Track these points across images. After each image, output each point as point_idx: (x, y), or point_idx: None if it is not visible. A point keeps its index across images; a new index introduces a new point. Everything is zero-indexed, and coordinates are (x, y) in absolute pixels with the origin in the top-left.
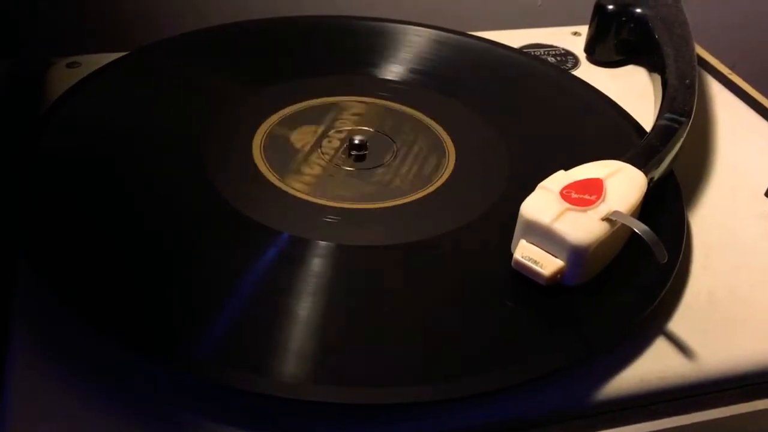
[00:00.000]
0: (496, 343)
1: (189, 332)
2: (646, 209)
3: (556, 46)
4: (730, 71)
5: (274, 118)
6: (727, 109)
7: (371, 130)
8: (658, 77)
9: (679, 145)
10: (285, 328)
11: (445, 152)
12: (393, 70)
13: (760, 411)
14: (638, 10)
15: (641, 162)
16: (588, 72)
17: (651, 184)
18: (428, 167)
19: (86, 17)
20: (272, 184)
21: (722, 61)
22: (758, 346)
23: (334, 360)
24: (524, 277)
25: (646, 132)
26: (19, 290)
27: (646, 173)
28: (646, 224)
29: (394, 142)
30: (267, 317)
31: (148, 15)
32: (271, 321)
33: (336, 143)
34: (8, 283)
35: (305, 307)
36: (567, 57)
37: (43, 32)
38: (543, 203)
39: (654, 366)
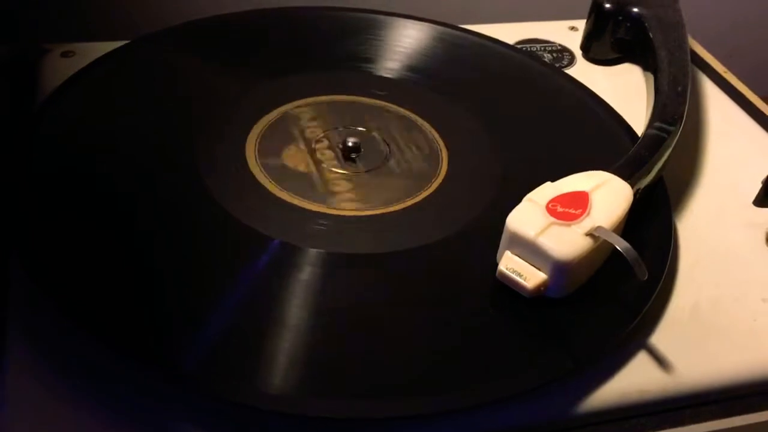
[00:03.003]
0: (477, 357)
1: (176, 342)
2: (634, 216)
3: (552, 42)
4: (725, 70)
5: (267, 117)
6: (719, 112)
7: (363, 130)
8: (651, 76)
9: (667, 154)
10: (273, 339)
11: (437, 155)
12: (385, 66)
13: (740, 427)
14: (635, 10)
15: (629, 173)
16: (584, 69)
17: (638, 195)
18: (419, 171)
19: (81, 1)
20: (263, 187)
21: (719, 51)
22: (737, 359)
23: (318, 373)
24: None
25: (636, 135)
26: (14, 292)
27: (633, 184)
28: (633, 234)
29: (387, 144)
30: (255, 327)
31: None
32: (259, 331)
33: (329, 145)
34: (4, 283)
35: (294, 316)
36: (563, 53)
37: (37, 17)
38: (528, 216)
39: (635, 379)
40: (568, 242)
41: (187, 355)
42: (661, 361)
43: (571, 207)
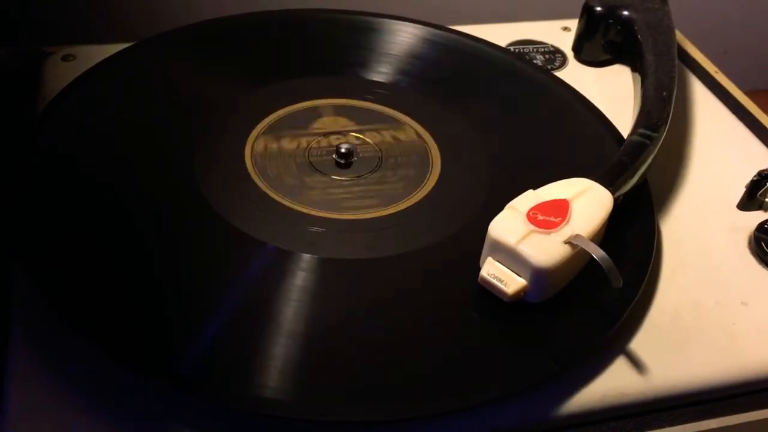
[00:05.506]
0: (461, 361)
1: (173, 346)
2: (617, 220)
3: (545, 43)
4: (716, 70)
5: (263, 123)
6: (707, 113)
7: (358, 135)
8: (638, 77)
9: (649, 160)
10: (266, 344)
11: (428, 159)
12: (378, 70)
13: (717, 429)
14: (625, 13)
15: (610, 180)
16: (576, 70)
17: (619, 201)
18: (412, 176)
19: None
20: (260, 191)
21: (714, 48)
22: (716, 362)
23: (310, 378)
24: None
25: (623, 139)
26: (18, 291)
27: (614, 191)
28: (616, 238)
29: (380, 149)
30: (251, 331)
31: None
32: (255, 335)
33: (323, 150)
34: (7, 286)
35: (287, 321)
36: (555, 55)
37: (36, 19)
38: (510, 224)
39: (616, 382)
40: (546, 250)
41: (183, 359)
42: (641, 364)
43: (552, 215)
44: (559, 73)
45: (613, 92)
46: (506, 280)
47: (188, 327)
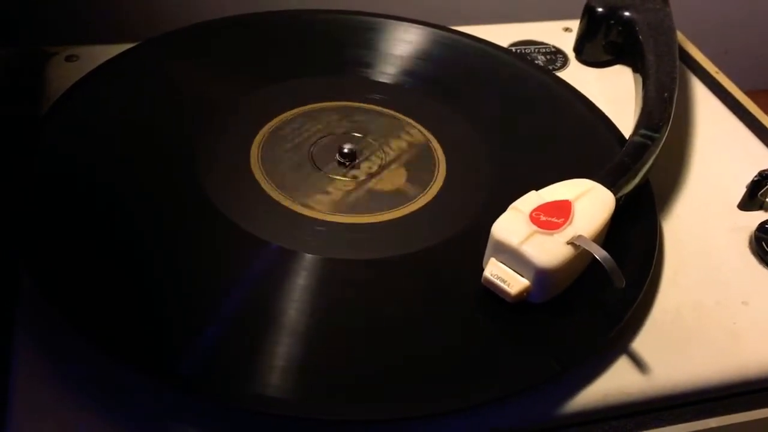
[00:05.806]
0: (464, 361)
1: (174, 346)
2: (619, 220)
3: (546, 44)
4: (716, 70)
5: (268, 125)
6: (708, 114)
7: (361, 136)
8: (639, 78)
9: (651, 161)
10: (266, 343)
11: (431, 159)
12: (380, 71)
13: (715, 428)
14: (626, 14)
15: (612, 180)
16: (577, 71)
17: (621, 201)
18: (415, 177)
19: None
20: (265, 193)
21: (714, 49)
22: (716, 362)
23: (310, 377)
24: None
25: (625, 139)
26: (20, 291)
27: (616, 192)
28: (618, 238)
29: (383, 150)
30: (253, 331)
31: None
32: (256, 334)
33: (326, 151)
34: (9, 286)
35: (288, 321)
36: (557, 56)
37: (36, 19)
38: (513, 225)
39: (617, 382)
40: (549, 251)
41: (184, 359)
42: (643, 363)
43: (554, 216)
44: (560, 74)
45: (614, 93)
46: (509, 280)
47: (189, 327)
